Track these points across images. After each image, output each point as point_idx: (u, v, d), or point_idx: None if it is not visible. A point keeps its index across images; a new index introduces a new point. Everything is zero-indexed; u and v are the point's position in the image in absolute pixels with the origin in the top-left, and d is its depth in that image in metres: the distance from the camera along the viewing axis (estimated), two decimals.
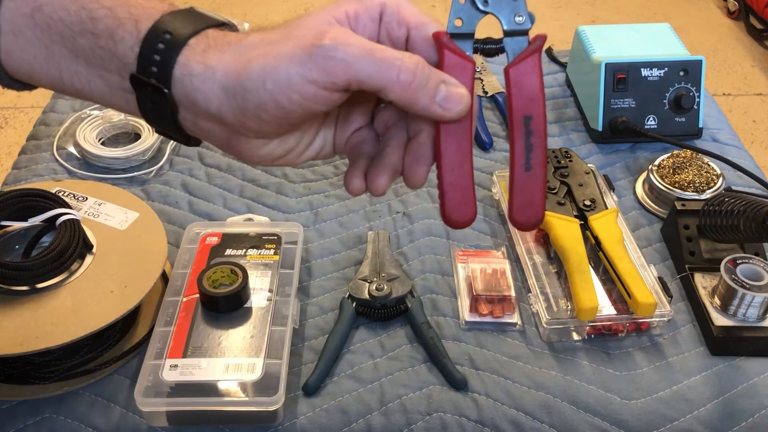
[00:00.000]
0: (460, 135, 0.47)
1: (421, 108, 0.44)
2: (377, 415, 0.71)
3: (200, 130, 0.48)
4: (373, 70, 0.42)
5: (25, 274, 0.71)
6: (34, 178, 0.96)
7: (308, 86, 0.43)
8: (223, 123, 0.46)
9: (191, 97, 0.45)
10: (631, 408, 0.72)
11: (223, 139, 0.48)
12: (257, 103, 0.44)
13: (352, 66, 0.42)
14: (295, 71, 0.43)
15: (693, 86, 1.01)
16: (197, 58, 0.45)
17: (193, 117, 0.47)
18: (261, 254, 0.82)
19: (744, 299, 0.75)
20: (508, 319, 0.79)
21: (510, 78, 0.47)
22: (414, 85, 0.43)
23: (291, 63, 0.43)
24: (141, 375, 0.70)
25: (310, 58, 0.42)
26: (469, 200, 0.49)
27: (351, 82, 0.43)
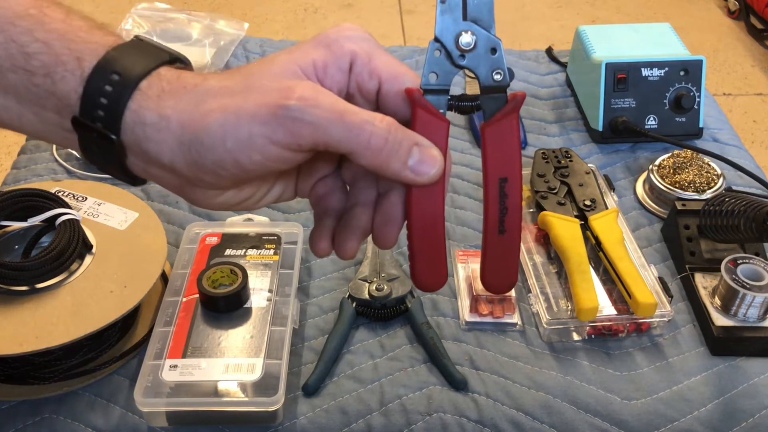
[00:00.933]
0: (433, 197, 0.44)
1: (392, 173, 0.42)
2: (377, 416, 0.71)
3: (150, 176, 0.44)
4: (343, 134, 0.40)
5: (24, 274, 0.71)
6: (33, 178, 0.96)
7: (271, 147, 0.40)
8: (176, 174, 0.43)
9: (142, 146, 0.42)
10: (631, 408, 0.72)
11: (176, 186, 0.45)
12: (215, 159, 0.41)
13: (320, 129, 0.39)
14: (257, 131, 0.39)
15: (693, 86, 1.01)
16: (150, 104, 0.41)
17: (143, 164, 0.43)
18: (261, 254, 0.82)
19: (744, 299, 0.75)
20: (508, 319, 0.79)
21: (486, 137, 0.45)
22: (385, 151, 0.40)
23: (253, 122, 0.39)
24: (141, 375, 0.69)
25: (275, 119, 0.39)
26: (439, 265, 0.46)
27: (318, 144, 0.40)
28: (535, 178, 0.90)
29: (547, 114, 1.10)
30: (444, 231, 0.46)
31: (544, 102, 1.12)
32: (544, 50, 1.23)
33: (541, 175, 0.90)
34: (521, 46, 2.69)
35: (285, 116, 0.39)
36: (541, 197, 0.87)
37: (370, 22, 2.79)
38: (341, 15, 2.84)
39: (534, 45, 1.56)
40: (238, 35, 1.23)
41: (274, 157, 0.40)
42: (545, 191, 0.88)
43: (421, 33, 2.71)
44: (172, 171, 0.42)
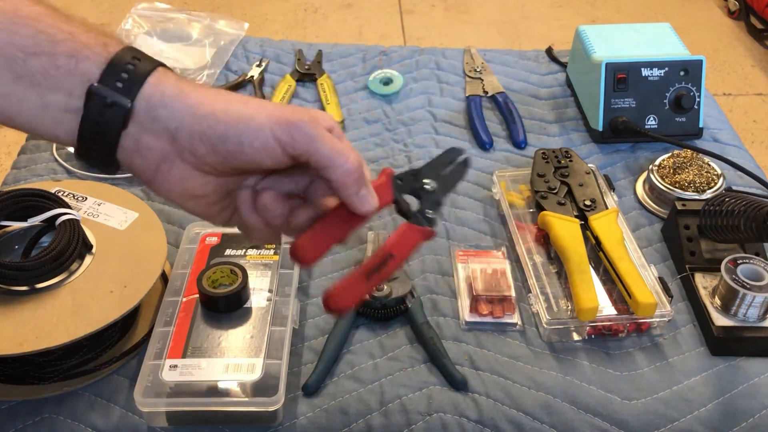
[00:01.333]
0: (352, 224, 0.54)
1: (346, 195, 0.51)
2: (377, 416, 0.71)
3: (138, 146, 0.49)
4: (328, 153, 0.49)
5: (24, 274, 0.71)
6: (33, 178, 0.96)
7: (273, 142, 0.49)
8: (173, 142, 0.49)
9: (153, 112, 0.48)
10: (631, 408, 0.72)
11: (157, 159, 0.50)
12: (221, 134, 0.48)
13: (315, 143, 0.49)
14: (269, 126, 0.49)
15: (693, 86, 1.01)
16: (170, 81, 0.49)
17: (139, 132, 0.49)
18: (261, 254, 0.82)
19: (744, 299, 0.75)
20: (508, 319, 0.79)
21: (400, 229, 0.55)
22: (352, 176, 0.50)
23: (268, 119, 0.49)
24: (141, 375, 0.69)
25: (286, 123, 0.49)
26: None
27: (306, 154, 0.49)
28: (535, 178, 0.90)
29: (547, 114, 1.10)
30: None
31: (544, 102, 1.12)
32: (544, 50, 1.23)
33: (541, 175, 0.90)
34: (521, 46, 2.70)
35: (294, 124, 0.49)
36: (541, 197, 0.87)
37: (370, 22, 2.79)
38: (341, 15, 2.83)
39: (534, 45, 1.56)
40: (238, 35, 1.23)
41: (269, 150, 0.49)
42: (545, 191, 0.88)
43: (421, 33, 2.71)
44: (171, 139, 0.49)
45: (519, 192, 0.92)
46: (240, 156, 0.49)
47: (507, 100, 1.10)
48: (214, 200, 0.53)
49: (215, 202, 0.54)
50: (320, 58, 1.19)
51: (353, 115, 1.09)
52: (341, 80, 1.15)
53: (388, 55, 1.20)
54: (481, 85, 1.13)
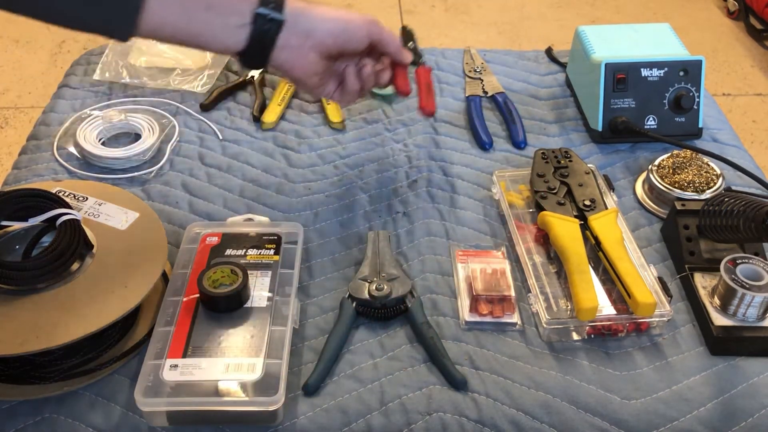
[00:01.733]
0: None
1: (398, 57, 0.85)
2: (377, 415, 0.71)
3: (285, 44, 0.75)
4: (388, 37, 0.83)
5: (25, 274, 0.71)
6: (34, 178, 0.96)
7: (366, 33, 0.80)
8: (307, 37, 0.76)
9: (295, 20, 0.74)
10: (631, 408, 0.72)
11: (296, 52, 0.76)
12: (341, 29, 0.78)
13: (382, 33, 0.82)
14: (364, 25, 0.80)
15: (693, 86, 1.01)
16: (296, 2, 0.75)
17: (287, 35, 0.74)
18: (261, 254, 0.82)
19: (744, 299, 0.76)
20: (508, 319, 0.79)
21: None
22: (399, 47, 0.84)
23: (362, 21, 0.80)
24: (141, 375, 0.70)
25: (371, 23, 0.81)
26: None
27: (378, 37, 0.81)
28: (535, 178, 0.90)
29: (546, 114, 1.10)
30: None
31: (543, 102, 1.12)
32: (544, 50, 1.23)
33: (541, 175, 0.90)
34: (521, 46, 2.70)
35: (374, 23, 0.81)
36: (541, 197, 0.87)
37: None
38: None
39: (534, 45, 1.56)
40: None
41: (364, 39, 0.80)
42: (545, 191, 0.88)
43: (421, 33, 2.71)
44: (306, 36, 0.76)
45: (519, 192, 0.93)
46: (349, 44, 0.79)
47: (507, 101, 1.10)
48: (327, 76, 0.83)
49: (328, 78, 0.83)
50: None
51: (353, 115, 1.09)
52: None
53: None
54: (480, 86, 1.14)
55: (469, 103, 1.10)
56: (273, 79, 1.15)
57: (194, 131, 1.05)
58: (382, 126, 1.07)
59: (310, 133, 1.05)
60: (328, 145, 1.03)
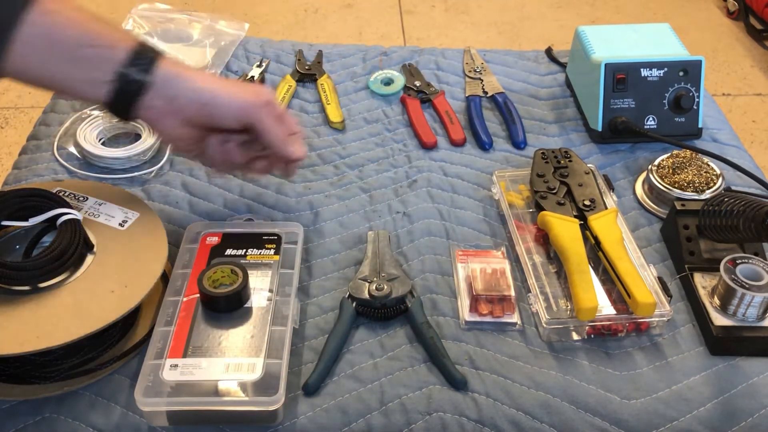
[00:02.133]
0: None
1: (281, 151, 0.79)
2: (377, 415, 0.71)
3: (149, 106, 0.73)
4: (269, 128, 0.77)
5: (25, 274, 0.71)
6: (34, 178, 0.96)
7: (238, 113, 0.76)
8: (170, 103, 0.73)
9: (162, 84, 0.73)
10: (630, 408, 0.72)
11: (158, 113, 0.74)
12: (205, 102, 0.74)
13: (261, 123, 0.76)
14: (237, 102, 0.76)
15: (693, 86, 1.01)
16: (171, 64, 0.74)
17: (150, 97, 0.73)
18: (261, 254, 0.82)
19: (743, 299, 0.76)
20: (508, 319, 0.79)
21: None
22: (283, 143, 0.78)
23: (237, 98, 0.76)
24: (141, 375, 0.70)
25: (249, 104, 0.76)
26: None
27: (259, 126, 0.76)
28: (535, 178, 0.90)
29: (546, 114, 1.10)
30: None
31: (543, 102, 1.12)
32: (544, 50, 1.23)
33: (541, 175, 0.90)
34: (521, 46, 2.70)
35: (253, 105, 0.76)
36: (541, 197, 0.87)
37: (370, 22, 2.79)
38: (341, 15, 2.84)
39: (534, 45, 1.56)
40: (238, 36, 1.23)
41: (234, 119, 0.76)
42: (545, 191, 0.88)
43: (421, 33, 2.72)
44: (170, 102, 0.74)
45: (518, 192, 0.93)
46: (215, 119, 0.76)
47: (507, 101, 1.10)
48: (192, 143, 0.79)
49: (190, 144, 0.79)
50: (320, 59, 1.19)
51: (353, 115, 1.09)
52: (341, 80, 1.15)
53: (388, 56, 1.20)
54: (480, 86, 1.14)
55: (469, 103, 1.10)
56: (273, 78, 1.15)
57: None
58: (382, 126, 1.07)
59: (310, 133, 1.05)
60: (328, 145, 1.04)
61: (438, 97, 1.10)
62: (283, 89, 1.11)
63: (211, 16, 1.25)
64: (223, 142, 0.79)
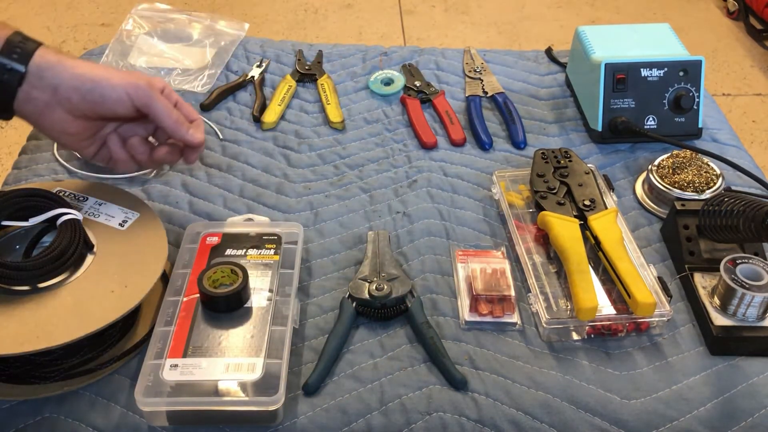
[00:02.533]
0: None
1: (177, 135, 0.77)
2: (377, 415, 0.71)
3: (28, 98, 0.70)
4: (160, 108, 0.74)
5: (25, 274, 0.71)
6: (34, 178, 0.96)
7: (124, 96, 0.72)
8: (55, 94, 0.70)
9: (40, 74, 0.70)
10: (630, 408, 0.72)
11: (42, 106, 0.71)
12: (89, 88, 0.71)
13: (151, 100, 0.73)
14: (122, 85, 0.72)
15: (693, 86, 1.01)
16: (51, 53, 0.71)
17: (30, 88, 0.70)
18: (261, 254, 0.82)
19: (744, 299, 0.76)
20: (508, 319, 0.79)
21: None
22: (176, 123, 0.76)
23: (122, 81, 0.72)
24: (141, 375, 0.70)
25: (134, 84, 0.73)
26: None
27: (147, 109, 0.74)
28: (535, 178, 0.90)
29: (546, 114, 1.10)
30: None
31: (543, 102, 1.12)
32: (544, 50, 1.23)
33: (541, 175, 0.90)
34: (521, 47, 2.70)
35: (138, 85, 0.73)
36: (541, 197, 0.87)
37: (370, 22, 2.79)
38: (341, 15, 2.84)
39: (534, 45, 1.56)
40: (238, 36, 1.23)
41: (122, 103, 0.72)
42: (545, 191, 0.88)
43: (421, 33, 2.72)
44: (53, 92, 0.70)
45: (518, 192, 0.93)
46: (102, 105, 0.72)
47: (507, 101, 1.10)
48: (84, 138, 0.76)
49: (84, 139, 0.76)
50: (320, 59, 1.19)
51: (353, 115, 1.09)
52: (341, 80, 1.15)
53: (388, 56, 1.20)
54: (480, 86, 1.14)
55: (469, 103, 1.10)
56: (273, 78, 1.15)
57: None
58: (382, 126, 1.07)
59: (310, 133, 1.05)
60: (328, 145, 1.04)
61: (438, 97, 1.10)
62: (283, 89, 1.11)
63: (211, 16, 1.25)
64: (124, 139, 0.77)
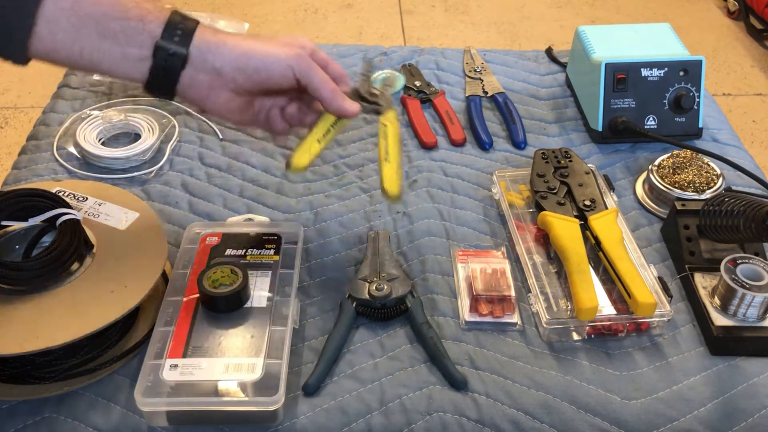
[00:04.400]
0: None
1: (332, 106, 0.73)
2: (377, 415, 0.71)
3: (192, 82, 0.68)
4: (318, 80, 0.71)
5: (25, 274, 0.71)
6: (34, 178, 0.96)
7: (288, 71, 0.70)
8: (219, 75, 0.69)
9: (202, 56, 0.68)
10: (631, 408, 0.72)
11: (206, 89, 0.69)
12: (254, 67, 0.69)
13: (311, 72, 0.71)
14: (285, 59, 0.70)
15: (693, 86, 1.01)
16: (210, 32, 0.69)
17: (193, 71, 0.68)
18: (261, 254, 0.82)
19: (744, 299, 0.76)
20: (508, 319, 0.79)
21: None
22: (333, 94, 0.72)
23: (284, 54, 0.70)
24: (141, 375, 0.70)
25: (297, 56, 0.70)
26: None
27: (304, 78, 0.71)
28: (535, 178, 0.90)
29: (546, 114, 1.10)
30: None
31: (544, 102, 1.12)
32: (544, 50, 1.23)
33: (541, 175, 0.90)
34: (521, 46, 2.70)
35: (304, 57, 0.71)
36: (541, 197, 0.87)
37: (370, 22, 2.79)
38: (341, 15, 2.84)
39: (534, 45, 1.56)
40: None
41: (286, 77, 0.70)
42: (545, 191, 0.88)
43: (421, 33, 2.72)
44: (216, 74, 0.69)
45: (519, 192, 0.93)
46: (268, 81, 0.70)
47: (507, 101, 1.10)
48: (245, 111, 0.74)
49: (245, 112, 0.75)
50: None
51: None
52: None
53: (388, 56, 1.20)
54: (481, 86, 1.14)
55: (469, 103, 1.10)
56: None
57: (194, 131, 1.05)
58: None
59: None
60: (328, 146, 1.03)
61: (438, 97, 1.10)
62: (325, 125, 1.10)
63: (211, 16, 1.25)
64: (282, 107, 0.76)
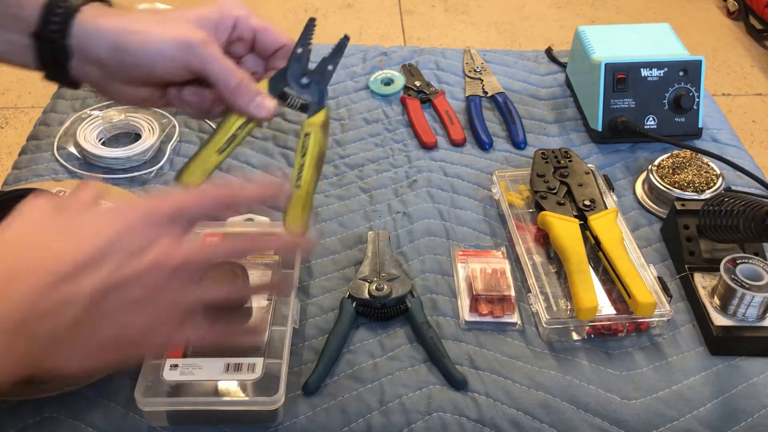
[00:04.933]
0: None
1: (239, 105, 0.62)
2: (377, 415, 0.71)
3: (84, 74, 0.63)
4: (219, 71, 0.61)
5: None
6: (34, 178, 0.96)
7: (172, 63, 0.60)
8: (104, 69, 0.62)
9: (83, 48, 0.61)
10: (630, 408, 0.72)
11: (101, 80, 0.63)
12: (131, 64, 0.61)
13: (207, 63, 0.60)
14: (168, 51, 0.60)
15: (693, 86, 1.01)
16: (89, 21, 0.60)
17: (81, 64, 0.62)
18: (261, 254, 0.82)
19: (744, 299, 0.76)
20: (508, 319, 0.79)
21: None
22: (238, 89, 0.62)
23: (169, 44, 0.60)
24: (141, 375, 0.70)
25: (183, 47, 0.60)
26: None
27: (200, 71, 0.61)
28: (535, 178, 0.90)
29: (546, 114, 1.10)
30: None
31: (543, 102, 1.12)
32: (544, 51, 1.23)
33: (541, 175, 0.90)
34: (521, 46, 2.70)
35: (189, 47, 0.60)
36: (541, 197, 0.87)
37: (370, 22, 2.79)
38: (341, 15, 2.84)
39: (534, 45, 1.56)
40: None
41: (174, 70, 0.61)
42: (545, 191, 0.88)
43: (421, 33, 2.72)
44: (102, 67, 0.62)
45: (518, 192, 0.93)
46: (153, 75, 0.62)
47: (507, 101, 1.10)
48: (154, 98, 0.66)
49: (155, 98, 0.67)
50: None
51: (353, 115, 1.09)
52: (341, 80, 1.15)
53: (388, 56, 1.20)
54: (480, 86, 1.14)
55: (469, 103, 1.10)
56: None
57: (194, 131, 1.05)
58: (382, 126, 1.07)
59: None
60: (327, 145, 1.03)
61: (438, 97, 1.10)
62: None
63: None
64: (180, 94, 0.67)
